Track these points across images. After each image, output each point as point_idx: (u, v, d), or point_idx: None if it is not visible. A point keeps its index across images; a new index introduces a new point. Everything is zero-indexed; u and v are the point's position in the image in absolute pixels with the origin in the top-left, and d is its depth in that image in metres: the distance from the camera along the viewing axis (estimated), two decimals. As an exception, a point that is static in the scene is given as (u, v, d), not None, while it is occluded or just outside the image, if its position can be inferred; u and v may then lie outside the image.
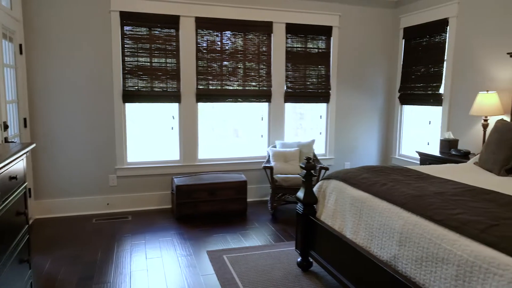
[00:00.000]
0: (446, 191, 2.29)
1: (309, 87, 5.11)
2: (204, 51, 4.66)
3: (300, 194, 2.98)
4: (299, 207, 3.01)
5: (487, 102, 3.68)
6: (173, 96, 4.58)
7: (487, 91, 3.78)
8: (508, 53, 3.62)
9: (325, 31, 5.07)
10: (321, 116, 5.32)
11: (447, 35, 4.47)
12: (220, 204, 4.35)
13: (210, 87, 4.71)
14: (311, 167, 2.90)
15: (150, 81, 4.48)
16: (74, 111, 4.29)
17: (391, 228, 2.15)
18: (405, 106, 5.29)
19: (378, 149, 5.56)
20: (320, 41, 5.10)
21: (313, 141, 4.79)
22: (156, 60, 4.49)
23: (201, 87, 4.67)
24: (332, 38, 5.11)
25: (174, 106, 4.67)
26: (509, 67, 3.70)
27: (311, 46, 5.07)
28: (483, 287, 1.58)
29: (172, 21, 4.47)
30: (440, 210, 1.96)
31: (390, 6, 5.31)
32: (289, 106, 5.18)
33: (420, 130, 5.08)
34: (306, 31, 4.99)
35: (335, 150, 5.35)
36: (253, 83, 4.86)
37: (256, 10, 4.73)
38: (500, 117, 3.72)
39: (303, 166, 2.92)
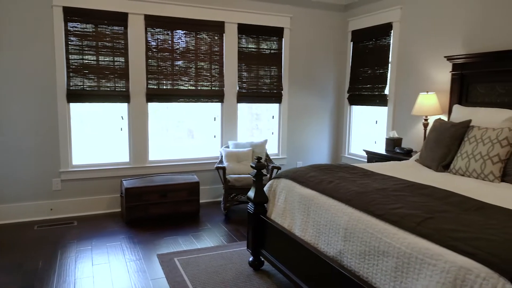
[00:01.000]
0: (388, 187, 2.39)
1: (261, 87, 5.15)
2: (155, 50, 4.55)
3: (251, 193, 2.99)
4: (250, 206, 3.02)
5: (427, 102, 3.90)
6: (122, 96, 4.43)
7: (427, 92, 3.99)
8: (445, 57, 3.85)
9: (277, 32, 5.13)
10: (273, 116, 5.38)
11: (391, 39, 4.68)
12: (172, 206, 4.27)
13: (161, 87, 4.61)
14: (261, 167, 2.92)
15: (97, 80, 4.31)
16: (14, 112, 4.02)
17: (337, 224, 2.21)
18: (353, 106, 5.47)
19: (329, 148, 5.72)
20: (272, 42, 5.15)
21: (265, 141, 4.83)
22: (103, 58, 4.32)
23: (151, 86, 4.56)
24: (283, 39, 5.18)
25: (123, 106, 4.52)
26: (446, 69, 3.94)
27: (263, 46, 5.11)
28: (419, 276, 1.66)
29: (120, 18, 4.33)
30: (381, 205, 2.04)
31: (339, 10, 5.48)
32: (245, 107, 5.19)
33: (368, 130, 5.29)
34: (258, 32, 5.03)
35: (287, 149, 5.42)
36: (206, 83, 4.81)
37: (208, 10, 4.69)
38: (438, 116, 3.95)
39: (254, 165, 2.93)
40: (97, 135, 4.50)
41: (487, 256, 1.45)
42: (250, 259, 3.08)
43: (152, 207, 4.18)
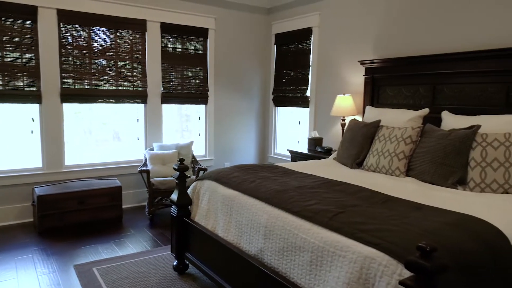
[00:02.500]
0: (305, 184, 2.50)
1: (186, 88, 5.08)
2: (70, 47, 4.26)
3: (174, 196, 2.93)
4: (174, 209, 2.96)
5: (343, 104, 4.14)
6: (32, 96, 4.08)
7: (344, 94, 4.25)
8: (359, 61, 4.13)
9: (202, 33, 5.10)
10: (199, 117, 5.34)
11: (312, 43, 4.90)
12: (92, 213, 4.03)
13: (78, 87, 4.33)
14: (184, 169, 2.88)
15: (2, 78, 3.92)
16: None
17: (257, 223, 2.26)
18: (278, 107, 5.63)
19: (256, 148, 5.82)
20: (197, 43, 5.11)
21: (191, 143, 4.77)
22: (9, 54, 3.94)
23: (67, 86, 4.26)
24: (208, 40, 5.16)
25: (34, 107, 4.17)
26: (360, 73, 4.22)
27: (187, 47, 5.04)
28: (331, 268, 1.76)
29: (28, 12, 3.98)
30: (298, 202, 2.13)
31: (263, 13, 5.60)
32: (174, 108, 5.09)
33: (292, 130, 5.48)
34: (183, 32, 4.95)
35: (215, 150, 5.42)
36: (127, 83, 4.62)
37: (129, 7, 4.51)
38: (354, 117, 4.22)
39: (176, 167, 2.88)
40: (4, 139, 4.09)
41: (388, 245, 1.57)
42: (175, 263, 3.02)
43: (69, 215, 3.91)
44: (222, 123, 5.45)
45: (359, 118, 4.18)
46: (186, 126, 5.32)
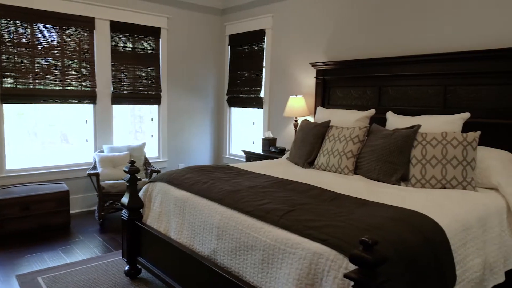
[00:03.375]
0: (258, 184, 2.53)
1: (138, 88, 4.95)
2: (10, 44, 4.01)
3: (125, 199, 2.86)
4: (124, 213, 2.88)
5: (296, 104, 4.23)
6: (-32, 96, 3.81)
7: (296, 95, 4.34)
8: (310, 63, 4.24)
9: (154, 32, 5.00)
10: (152, 118, 5.23)
11: (265, 44, 4.96)
12: (37, 220, 3.82)
13: (20, 86, 4.09)
14: (135, 171, 2.81)
15: None
16: None
17: (210, 224, 2.26)
18: (233, 108, 5.65)
19: (211, 149, 5.79)
20: (149, 42, 5.00)
21: (144, 144, 4.67)
22: None
23: (7, 86, 4.01)
24: (161, 39, 5.07)
25: (-30, 108, 3.89)
26: (312, 75, 4.33)
27: (139, 46, 4.92)
28: (281, 266, 1.80)
29: (-38, 6, 3.71)
30: (250, 202, 2.15)
31: (216, 13, 5.59)
32: (127, 109, 4.95)
33: (247, 131, 5.51)
34: (134, 31, 4.83)
35: (168, 152, 5.33)
36: (74, 83, 4.43)
37: (75, 3, 4.33)
38: (306, 117, 4.32)
39: (127, 170, 2.81)
40: None
41: (335, 241, 1.64)
42: (126, 268, 2.94)
43: (10, 223, 3.68)
44: (176, 124, 5.37)
45: (311, 118, 4.29)
46: (140, 128, 5.19)
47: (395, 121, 3.13)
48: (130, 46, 4.85)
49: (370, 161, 2.87)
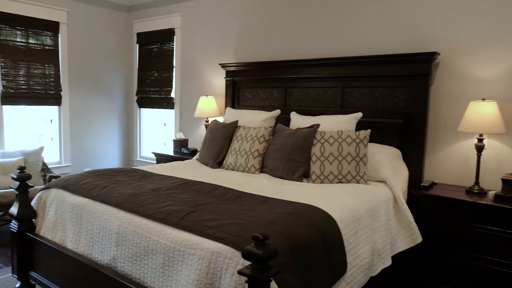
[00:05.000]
0: (162, 186, 2.47)
1: (34, 87, 4.53)
2: None
3: (14, 209, 2.59)
4: (14, 224, 2.61)
5: (206, 105, 4.23)
6: None
7: (207, 95, 4.34)
8: (219, 64, 4.26)
9: (51, 27, 4.61)
10: (51, 120, 4.82)
11: (175, 44, 4.88)
12: None
13: None
14: (25, 178, 2.56)
15: None
16: None
17: (109, 230, 2.14)
18: (143, 109, 5.45)
19: (120, 152, 5.52)
20: (46, 37, 4.60)
21: (41, 148, 4.27)
22: None
23: None
24: (60, 35, 4.70)
25: None
26: (222, 75, 4.36)
27: (34, 41, 4.50)
28: (182, 267, 1.77)
29: None
30: (151, 205, 2.09)
31: (122, 10, 5.35)
32: (26, 110, 4.48)
33: (158, 132, 5.36)
34: (27, 24, 4.40)
35: (72, 156, 4.96)
36: (-47, 81, 3.90)
37: (-48, -10, 3.82)
38: (215, 118, 4.34)
39: (15, 177, 2.55)
40: None
41: (233, 239, 1.66)
42: (17, 285, 2.66)
43: None
44: (80, 126, 5.02)
45: (221, 119, 4.32)
46: (44, 130, 4.75)
47: (297, 121, 3.29)
48: (23, 41, 4.41)
49: (275, 160, 2.98)
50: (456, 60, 2.95)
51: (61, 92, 4.76)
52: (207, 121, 4.35)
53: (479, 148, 2.70)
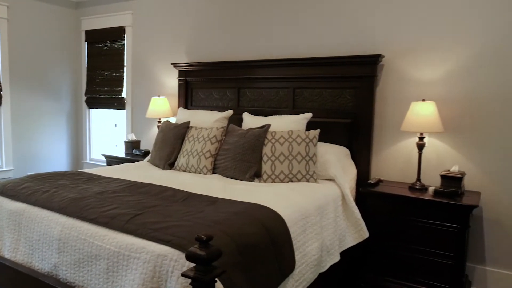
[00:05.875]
0: (108, 189, 2.39)
1: (-30, 86, 4.23)
2: None
3: None
4: None
5: (159, 105, 4.14)
6: None
7: (159, 96, 4.25)
8: (172, 64, 4.19)
9: (-11, 22, 4.33)
10: (-9, 121, 4.53)
11: (126, 42, 4.74)
12: None
13: None
14: (-44, 183, 2.38)
15: None
16: None
17: (50, 237, 2.04)
18: (92, 109, 5.25)
19: (69, 155, 5.28)
20: (-16, 33, 4.31)
21: (-21, 152, 4.00)
22: None
23: None
24: (0, 31, 4.42)
25: None
26: (174, 75, 4.28)
27: (-30, 37, 4.20)
28: (126, 272, 1.72)
29: None
30: (95, 209, 2.01)
31: (69, 6, 5.12)
32: None
33: (109, 133, 5.18)
34: (-39, 19, 4.11)
35: (14, 159, 4.67)
36: None
37: None
38: (167, 119, 4.26)
39: None
40: None
41: (178, 241, 1.64)
42: (-52, 299, 2.47)
43: None
44: (24, 128, 4.75)
45: (174, 120, 4.25)
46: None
47: (250, 121, 3.31)
48: (-43, 36, 4.10)
49: (227, 160, 2.97)
50: (399, 62, 3.09)
51: (1, 92, 4.47)
52: (159, 122, 4.26)
53: (420, 147, 2.85)
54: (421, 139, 2.84)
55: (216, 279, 1.43)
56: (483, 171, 2.83)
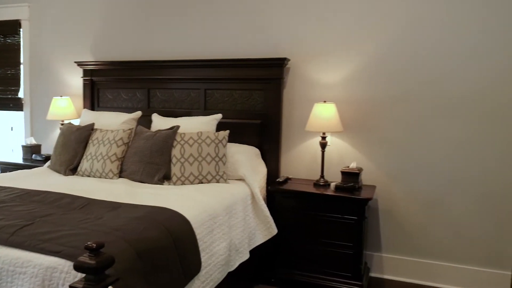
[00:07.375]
0: (-5, 199, 2.16)
1: None
2: None
3: None
4: None
5: (62, 107, 3.85)
6: None
7: (61, 96, 3.96)
8: (75, 62, 3.93)
9: None
10: None
11: (22, 38, 4.32)
12: None
13: None
14: None
15: None
16: None
17: None
18: (-16, 111, 4.70)
19: (-46, 163, 4.66)
20: None
21: None
22: None
23: None
24: None
25: None
26: (79, 74, 4.01)
27: None
28: (11, 290, 1.57)
29: None
30: (-25, 222, 1.81)
31: (-48, -6, 4.53)
32: None
33: (4, 137, 4.69)
34: None
35: None
36: None
37: None
38: (70, 121, 3.97)
39: None
40: None
41: (70, 251, 1.54)
42: None
43: None
44: None
45: (76, 122, 3.98)
46: None
47: (159, 122, 3.23)
48: None
49: (134, 163, 2.87)
50: (303, 66, 3.25)
51: None
52: (62, 124, 3.96)
53: (323, 145, 3.03)
54: (323, 138, 3.02)
55: (110, 287, 1.37)
56: (378, 167, 3.11)
